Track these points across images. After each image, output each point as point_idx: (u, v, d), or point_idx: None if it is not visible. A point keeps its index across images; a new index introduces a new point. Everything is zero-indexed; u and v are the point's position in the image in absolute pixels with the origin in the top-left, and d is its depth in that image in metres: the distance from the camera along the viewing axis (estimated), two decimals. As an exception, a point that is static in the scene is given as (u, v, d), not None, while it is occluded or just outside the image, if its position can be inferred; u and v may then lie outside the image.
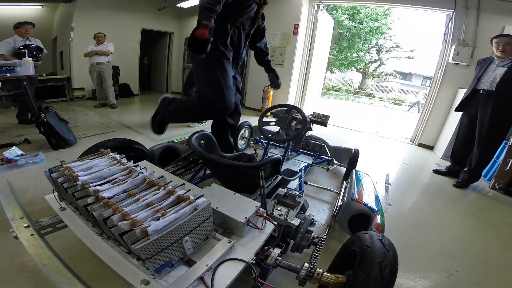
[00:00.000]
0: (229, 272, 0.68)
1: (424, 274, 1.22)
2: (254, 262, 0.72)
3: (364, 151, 2.29)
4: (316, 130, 2.38)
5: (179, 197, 0.70)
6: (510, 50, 2.08)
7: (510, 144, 2.27)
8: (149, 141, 2.77)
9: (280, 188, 1.19)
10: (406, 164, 2.90)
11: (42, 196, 0.96)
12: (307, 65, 4.37)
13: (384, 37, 14.04)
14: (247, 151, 2.11)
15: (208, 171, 1.52)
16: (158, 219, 0.61)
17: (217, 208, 0.83)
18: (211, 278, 0.65)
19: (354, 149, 2.03)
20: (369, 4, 8.27)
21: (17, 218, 0.84)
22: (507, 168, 2.27)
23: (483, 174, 2.42)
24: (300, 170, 1.79)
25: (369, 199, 1.32)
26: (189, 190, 0.75)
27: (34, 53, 3.03)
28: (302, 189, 1.59)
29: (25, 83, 2.43)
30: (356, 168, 1.91)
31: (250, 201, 0.90)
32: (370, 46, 14.38)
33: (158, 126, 1.62)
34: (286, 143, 1.86)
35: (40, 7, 5.08)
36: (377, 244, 0.72)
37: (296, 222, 0.98)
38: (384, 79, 16.82)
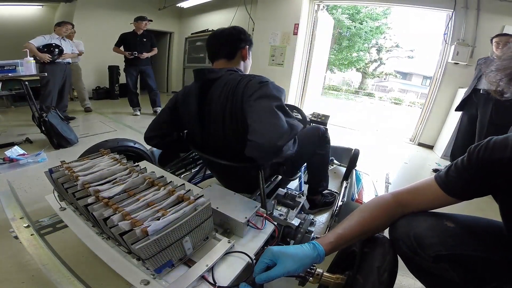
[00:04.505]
0: (230, 270, 0.68)
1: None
2: (254, 261, 0.72)
3: (364, 150, 2.29)
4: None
5: (179, 197, 0.70)
6: None
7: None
8: (149, 141, 2.76)
9: (280, 188, 1.19)
10: (406, 163, 2.90)
11: (42, 195, 0.96)
12: (307, 65, 4.37)
13: (384, 37, 14.05)
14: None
15: (208, 171, 1.52)
16: (158, 219, 0.61)
17: (217, 208, 0.83)
18: (212, 275, 0.65)
19: (354, 149, 2.03)
20: (369, 4, 8.27)
21: (17, 218, 0.84)
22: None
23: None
24: (300, 170, 1.78)
25: (369, 199, 1.32)
26: (189, 190, 0.75)
27: (56, 51, 3.09)
28: (302, 189, 1.59)
29: (26, 82, 2.44)
30: (356, 168, 1.91)
31: (250, 201, 0.90)
32: (370, 45, 14.39)
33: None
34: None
35: (40, 7, 5.08)
36: (376, 246, 0.72)
37: (296, 222, 0.98)
38: (384, 79, 16.83)
